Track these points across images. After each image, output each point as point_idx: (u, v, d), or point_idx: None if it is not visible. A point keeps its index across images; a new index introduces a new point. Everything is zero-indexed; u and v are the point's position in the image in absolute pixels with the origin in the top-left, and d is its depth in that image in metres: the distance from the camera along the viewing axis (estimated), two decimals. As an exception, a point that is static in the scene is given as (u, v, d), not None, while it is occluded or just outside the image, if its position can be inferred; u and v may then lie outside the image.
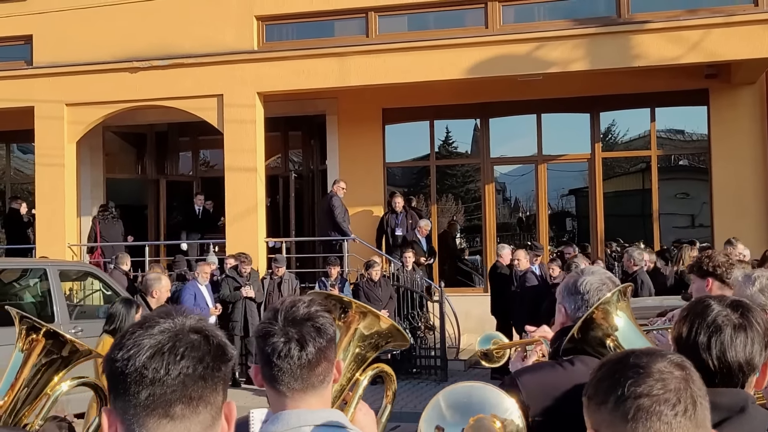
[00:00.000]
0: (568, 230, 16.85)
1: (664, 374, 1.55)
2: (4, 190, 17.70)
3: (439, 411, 2.24)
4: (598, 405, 1.58)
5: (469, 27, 13.30)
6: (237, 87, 13.56)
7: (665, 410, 1.51)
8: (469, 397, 2.28)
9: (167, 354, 1.43)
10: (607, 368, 1.62)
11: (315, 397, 1.95)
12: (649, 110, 14.85)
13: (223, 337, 1.52)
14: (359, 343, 2.44)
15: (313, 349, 1.91)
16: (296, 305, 1.97)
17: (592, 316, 2.85)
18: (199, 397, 1.45)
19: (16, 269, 11.00)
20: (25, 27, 14.29)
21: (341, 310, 2.44)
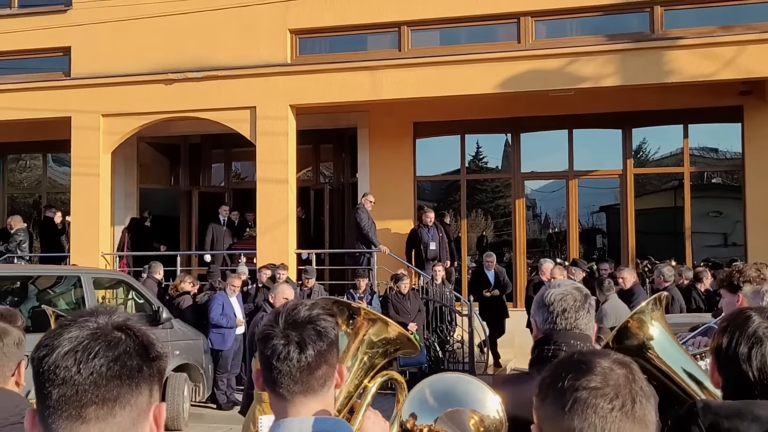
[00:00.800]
0: (599, 247, 16.74)
1: (606, 370, 1.55)
2: (40, 199, 17.97)
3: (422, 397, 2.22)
4: (541, 401, 1.59)
5: (501, 42, 13.34)
6: (270, 99, 13.69)
7: (602, 403, 1.50)
8: (453, 388, 2.26)
9: (80, 352, 1.35)
10: (554, 366, 1.63)
11: (316, 401, 1.92)
12: (681, 127, 14.75)
13: (150, 335, 1.45)
14: (367, 349, 2.41)
15: (313, 352, 1.89)
16: (298, 308, 1.95)
17: (627, 325, 2.86)
18: (115, 398, 1.36)
19: (51, 276, 11.17)
20: (64, 39, 14.56)
21: (349, 316, 2.42)
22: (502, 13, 13.13)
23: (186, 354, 11.36)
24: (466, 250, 15.67)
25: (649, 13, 12.74)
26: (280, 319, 1.93)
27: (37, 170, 18.51)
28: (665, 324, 2.87)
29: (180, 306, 12.35)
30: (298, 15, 13.78)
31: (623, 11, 12.94)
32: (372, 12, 13.45)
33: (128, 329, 1.42)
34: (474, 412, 2.18)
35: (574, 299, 2.71)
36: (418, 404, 2.21)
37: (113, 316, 1.43)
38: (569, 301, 2.70)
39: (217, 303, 11.90)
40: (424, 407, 2.20)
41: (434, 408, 2.19)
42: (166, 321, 11.10)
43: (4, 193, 18.13)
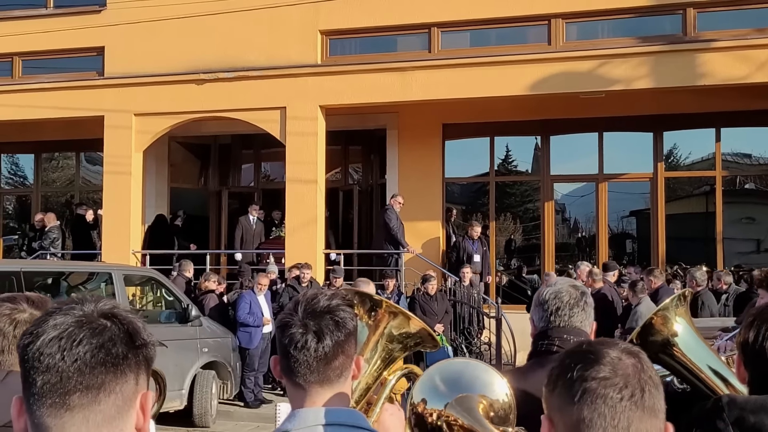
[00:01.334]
0: (628, 252, 16.61)
1: (615, 360, 1.55)
2: (73, 198, 18.20)
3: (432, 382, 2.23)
4: (551, 391, 1.59)
5: (531, 44, 13.30)
6: (300, 100, 13.76)
7: (611, 393, 1.51)
8: (461, 373, 2.27)
9: (64, 339, 1.35)
10: (563, 357, 1.63)
11: (332, 391, 1.92)
12: (714, 130, 14.60)
13: (136, 323, 1.43)
14: (388, 342, 2.41)
15: (331, 342, 1.89)
16: (317, 298, 1.95)
17: (652, 321, 2.85)
18: (100, 385, 1.36)
19: (83, 272, 11.31)
20: (98, 39, 14.75)
21: (371, 308, 2.42)
22: (532, 14, 13.10)
23: (214, 352, 11.44)
24: (494, 253, 15.62)
25: (681, 15, 12.63)
26: (299, 308, 1.94)
27: (70, 169, 18.75)
28: (690, 320, 2.86)
29: (205, 304, 12.44)
30: (328, 16, 13.85)
31: (655, 13, 12.84)
32: (402, 13, 13.47)
33: (114, 317, 1.41)
34: (483, 397, 2.19)
35: (569, 296, 2.74)
36: (429, 389, 2.22)
37: (99, 304, 1.42)
38: (563, 298, 2.73)
39: (244, 301, 11.97)
40: (434, 393, 2.21)
41: (444, 393, 2.20)
42: (195, 318, 11.19)
43: (38, 191, 18.38)
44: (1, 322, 2.38)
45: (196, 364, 11.07)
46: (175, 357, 10.61)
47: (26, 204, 18.74)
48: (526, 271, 16.65)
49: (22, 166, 18.98)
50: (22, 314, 2.38)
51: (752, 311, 2.31)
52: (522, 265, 16.82)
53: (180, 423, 11.02)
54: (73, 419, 1.35)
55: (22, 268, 9.95)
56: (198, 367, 11.09)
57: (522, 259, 16.86)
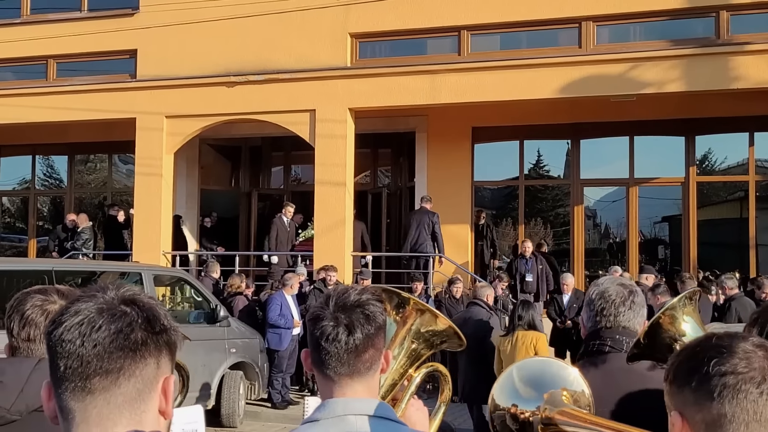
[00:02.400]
0: (660, 258, 16.43)
1: (748, 353, 1.53)
2: (105, 200, 18.42)
3: (512, 386, 2.25)
4: (680, 387, 1.57)
5: (562, 46, 13.22)
6: (329, 102, 13.81)
7: (751, 388, 1.49)
8: (542, 372, 2.28)
9: (85, 325, 1.40)
10: (690, 350, 1.61)
11: (361, 384, 1.95)
12: (747, 135, 14.41)
13: (156, 309, 1.48)
14: (414, 339, 2.44)
15: (361, 335, 1.93)
16: (348, 292, 1.99)
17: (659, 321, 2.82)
18: (120, 369, 1.41)
19: (114, 272, 11.42)
20: (131, 42, 14.92)
21: (399, 304, 2.45)
22: (563, 17, 13.03)
23: (242, 352, 11.50)
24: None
25: (714, 17, 12.49)
26: (330, 301, 1.98)
27: (103, 171, 18.98)
28: (698, 320, 2.84)
29: (234, 306, 12.51)
30: (358, 19, 13.88)
31: (688, 16, 12.71)
32: (431, 16, 13.47)
33: (134, 303, 1.46)
34: (565, 390, 2.21)
35: (616, 295, 2.72)
36: (514, 393, 2.24)
37: (121, 291, 1.47)
38: (610, 297, 2.71)
39: (275, 303, 11.99)
40: (520, 399, 2.23)
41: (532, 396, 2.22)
42: (224, 319, 11.25)
43: (71, 192, 18.62)
44: (33, 313, 2.47)
45: (224, 365, 11.14)
46: (203, 357, 10.69)
47: (60, 205, 18.99)
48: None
49: (57, 168, 19.24)
50: (52, 305, 2.46)
51: (757, 310, 2.28)
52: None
53: (207, 423, 11.04)
54: (95, 402, 1.41)
55: (54, 267, 10.07)
56: (226, 368, 11.16)
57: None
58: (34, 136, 17.27)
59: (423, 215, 13.92)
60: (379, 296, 2.06)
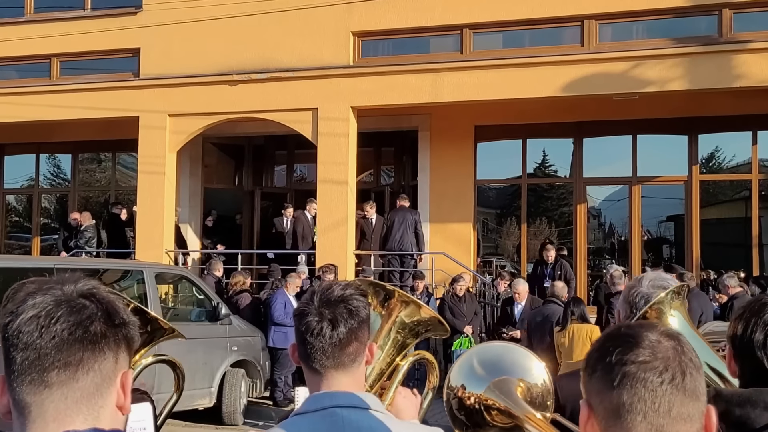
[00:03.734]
0: (665, 257, 16.40)
1: (654, 343, 1.52)
2: (109, 197, 18.45)
3: (470, 365, 2.25)
4: (589, 375, 1.57)
5: (564, 45, 13.20)
6: (332, 101, 13.81)
7: (651, 377, 1.48)
8: (500, 357, 2.29)
9: (42, 317, 1.38)
10: (601, 340, 1.61)
11: (347, 376, 2.02)
12: (750, 133, 14.37)
13: (116, 303, 1.46)
14: (400, 329, 2.50)
15: (344, 329, 1.99)
16: (332, 288, 2.05)
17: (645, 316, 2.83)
18: (78, 362, 1.38)
19: (116, 270, 11.45)
20: (134, 40, 14.95)
21: (384, 297, 2.51)
22: (565, 15, 13.00)
23: (244, 350, 11.52)
24: (525, 257, 15.53)
25: (717, 15, 12.45)
26: (315, 297, 2.04)
27: (106, 170, 19.02)
28: (686, 315, 2.84)
29: (238, 304, 12.54)
30: (360, 17, 13.88)
31: (690, 14, 12.68)
32: (434, 14, 13.46)
33: (93, 296, 1.44)
34: (521, 381, 2.22)
35: None
36: (467, 373, 2.27)
37: (79, 284, 1.45)
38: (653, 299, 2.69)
39: (279, 302, 12.00)
40: (472, 376, 2.25)
41: (482, 377, 2.24)
42: (225, 317, 11.27)
43: (75, 191, 18.67)
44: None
45: (226, 363, 11.17)
46: (204, 355, 10.72)
47: (64, 203, 19.05)
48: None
49: (62, 167, 19.29)
50: None
51: (743, 305, 2.27)
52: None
53: (209, 421, 11.12)
54: (52, 396, 1.38)
55: (56, 265, 10.09)
56: (227, 366, 11.19)
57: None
58: (38, 134, 17.32)
59: (405, 214, 13.96)
60: (363, 291, 2.12)
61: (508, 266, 15.97)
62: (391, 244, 13.89)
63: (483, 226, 16.54)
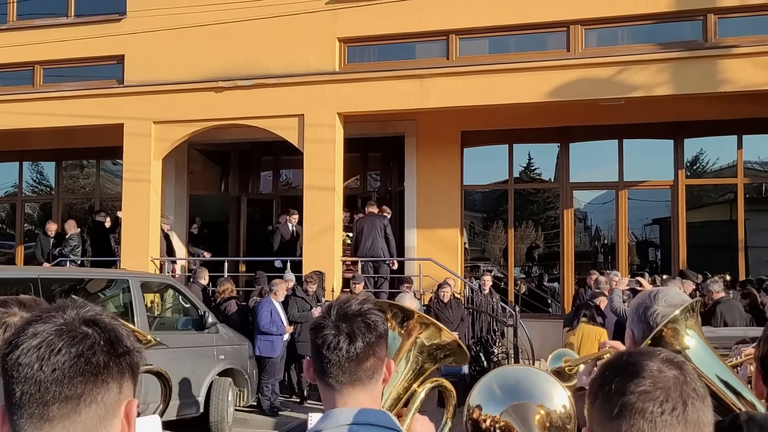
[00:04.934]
0: (651, 260, 16.45)
1: (655, 372, 1.51)
2: (94, 205, 18.33)
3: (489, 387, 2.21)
4: (591, 403, 1.56)
5: (550, 50, 13.23)
6: (318, 107, 13.77)
7: (651, 407, 1.47)
8: (520, 380, 2.25)
9: (43, 348, 1.32)
10: (603, 368, 1.60)
11: (364, 392, 1.97)
12: (735, 138, 14.43)
13: (119, 330, 1.41)
14: (418, 353, 2.45)
15: (362, 343, 1.95)
16: (349, 302, 2.02)
17: (661, 334, 2.78)
18: (80, 395, 1.33)
19: (102, 280, 11.35)
20: (118, 47, 14.86)
21: (403, 318, 2.46)
22: (551, 21, 13.03)
23: (231, 359, 11.43)
24: (512, 261, 15.54)
25: (702, 21, 12.51)
26: (332, 311, 2.01)
27: (90, 177, 18.90)
28: (701, 332, 2.79)
29: (226, 311, 12.46)
30: (346, 23, 13.86)
31: (675, 19, 12.72)
32: (420, 20, 13.46)
33: (96, 324, 1.39)
34: (541, 407, 2.17)
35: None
36: (486, 395, 2.22)
37: (82, 311, 1.40)
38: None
39: (265, 310, 11.92)
40: (490, 398, 2.21)
41: (500, 400, 2.19)
42: (212, 326, 11.19)
43: (59, 198, 18.53)
44: None
45: (213, 371, 11.07)
46: (191, 364, 10.63)
47: (48, 211, 18.90)
48: (547, 280, 16.57)
49: (45, 174, 19.15)
50: (12, 318, 2.33)
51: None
52: (543, 273, 16.74)
53: (196, 430, 11.02)
54: (53, 430, 1.33)
55: (40, 275, 9.99)
56: (214, 374, 11.09)
57: (543, 267, 16.78)
58: (21, 142, 17.20)
59: (375, 219, 13.93)
60: (381, 306, 2.08)
61: (495, 271, 15.96)
62: (362, 251, 13.84)
63: (470, 230, 16.55)
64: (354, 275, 13.28)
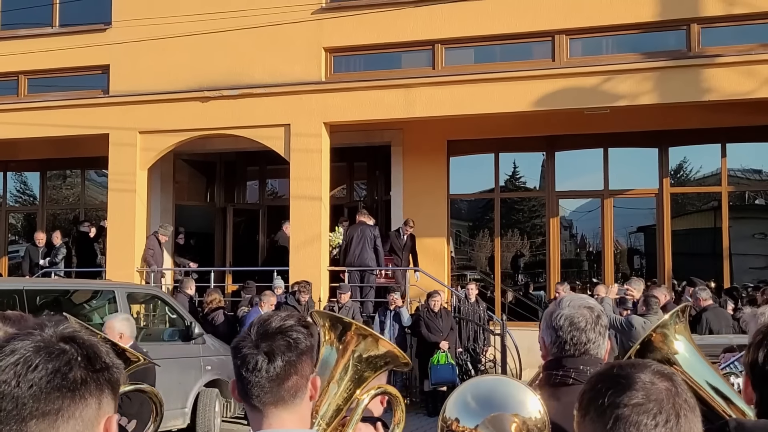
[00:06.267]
0: (636, 268, 16.51)
1: (647, 384, 1.51)
2: (78, 215, 18.23)
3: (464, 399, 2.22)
4: (582, 417, 1.55)
5: (535, 60, 13.29)
6: (304, 117, 13.77)
7: (645, 420, 1.46)
8: (493, 392, 2.25)
9: (20, 365, 1.33)
10: (593, 380, 1.59)
11: (288, 412, 1.93)
12: (719, 146, 14.53)
13: (97, 346, 1.42)
14: (357, 363, 2.44)
15: (281, 362, 1.91)
16: (270, 319, 1.98)
17: (650, 339, 2.79)
18: (57, 411, 1.33)
19: (87, 291, 11.29)
20: (103, 57, 14.81)
21: (340, 330, 2.45)
22: (536, 31, 13.09)
23: (218, 369, 11.38)
24: (499, 269, 15.56)
25: (686, 30, 12.61)
26: (252, 329, 1.96)
27: (76, 187, 18.80)
28: (690, 337, 2.81)
29: (214, 321, 12.41)
30: (332, 33, 13.87)
31: (660, 29, 12.82)
32: (406, 30, 13.49)
33: (73, 340, 1.39)
34: (516, 416, 2.17)
35: (585, 322, 2.58)
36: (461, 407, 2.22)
37: (59, 328, 1.41)
38: (579, 325, 2.57)
39: (252, 320, 11.87)
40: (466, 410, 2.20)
41: (476, 412, 2.19)
42: (198, 336, 11.14)
43: (43, 209, 18.43)
44: None
45: (200, 382, 11.02)
46: (178, 375, 10.57)
47: (32, 221, 18.78)
48: (533, 288, 16.60)
49: (30, 184, 19.04)
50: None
51: (761, 329, 2.20)
52: (529, 282, 16.77)
53: (184, 442, 10.96)
54: None
55: (25, 286, 9.93)
56: (201, 385, 11.04)
57: (529, 275, 16.80)
58: (5, 152, 17.08)
59: (365, 229, 13.85)
60: (306, 322, 2.03)
61: (481, 279, 15.97)
62: (350, 260, 13.79)
63: (456, 239, 16.57)
64: (340, 285, 13.26)
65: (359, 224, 13.96)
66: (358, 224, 13.98)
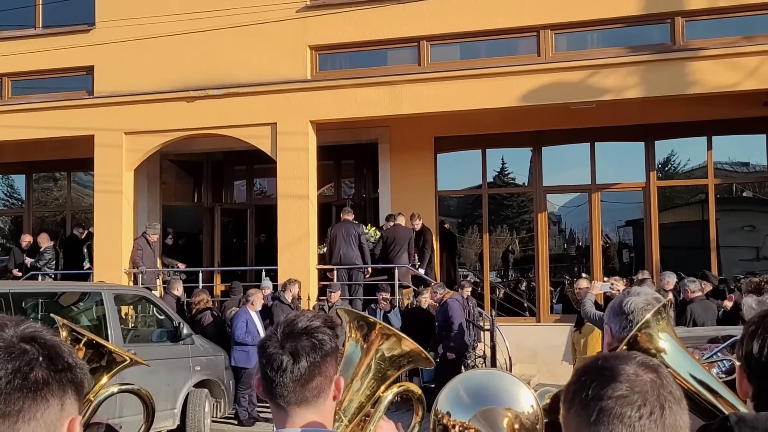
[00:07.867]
0: (625, 261, 16.54)
1: (631, 376, 1.49)
2: (66, 217, 18.14)
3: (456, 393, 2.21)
4: (567, 410, 1.54)
5: (521, 55, 13.30)
6: (290, 115, 13.74)
7: (629, 412, 1.45)
8: (486, 385, 2.24)
9: None
10: (578, 373, 1.58)
11: (311, 411, 1.96)
12: (705, 139, 14.58)
13: (59, 346, 1.39)
14: (381, 361, 2.47)
15: (306, 363, 1.93)
16: (297, 319, 1.99)
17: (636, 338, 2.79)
18: (18, 411, 1.31)
19: (75, 293, 11.22)
20: (87, 58, 14.73)
21: (366, 329, 2.48)
22: (521, 26, 13.11)
23: (207, 370, 11.36)
24: (488, 265, 15.57)
25: (670, 24, 12.64)
26: (278, 329, 1.98)
27: (62, 189, 18.70)
28: (674, 334, 2.80)
29: (202, 322, 12.38)
30: (317, 31, 13.84)
31: (644, 23, 12.84)
32: (391, 27, 13.47)
33: (34, 340, 1.37)
34: (508, 410, 2.17)
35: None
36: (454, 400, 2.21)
37: (20, 328, 1.38)
38: (650, 311, 2.62)
39: (240, 320, 11.86)
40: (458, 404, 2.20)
41: (468, 406, 2.19)
42: (187, 337, 11.11)
43: (30, 211, 18.33)
44: None
45: (189, 383, 10.99)
46: (167, 376, 10.54)
47: (19, 224, 18.68)
48: (523, 283, 16.61)
49: (16, 187, 18.93)
50: None
51: (753, 319, 2.15)
52: (518, 277, 16.78)
53: (174, 442, 10.93)
54: None
55: (11, 289, 9.87)
56: (190, 386, 11.01)
57: (518, 270, 16.82)
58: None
59: (349, 227, 13.81)
60: (332, 322, 2.04)
61: (470, 276, 15.96)
62: (336, 259, 13.76)
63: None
64: (330, 284, 13.24)
65: (344, 222, 13.93)
66: (343, 222, 13.96)
